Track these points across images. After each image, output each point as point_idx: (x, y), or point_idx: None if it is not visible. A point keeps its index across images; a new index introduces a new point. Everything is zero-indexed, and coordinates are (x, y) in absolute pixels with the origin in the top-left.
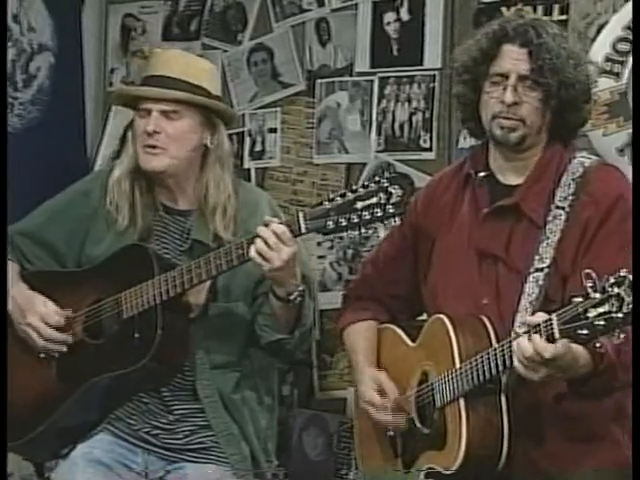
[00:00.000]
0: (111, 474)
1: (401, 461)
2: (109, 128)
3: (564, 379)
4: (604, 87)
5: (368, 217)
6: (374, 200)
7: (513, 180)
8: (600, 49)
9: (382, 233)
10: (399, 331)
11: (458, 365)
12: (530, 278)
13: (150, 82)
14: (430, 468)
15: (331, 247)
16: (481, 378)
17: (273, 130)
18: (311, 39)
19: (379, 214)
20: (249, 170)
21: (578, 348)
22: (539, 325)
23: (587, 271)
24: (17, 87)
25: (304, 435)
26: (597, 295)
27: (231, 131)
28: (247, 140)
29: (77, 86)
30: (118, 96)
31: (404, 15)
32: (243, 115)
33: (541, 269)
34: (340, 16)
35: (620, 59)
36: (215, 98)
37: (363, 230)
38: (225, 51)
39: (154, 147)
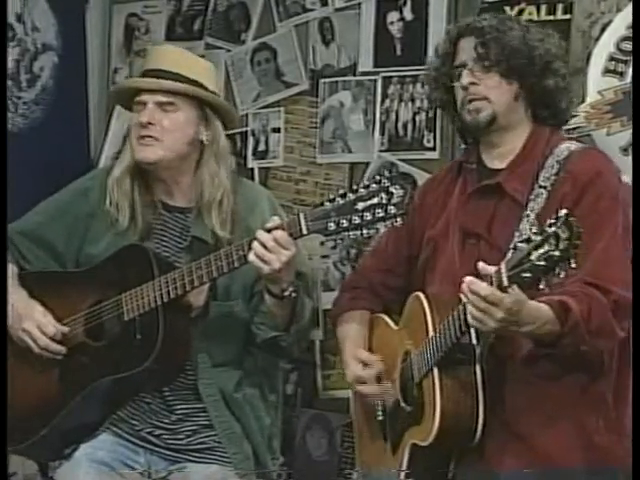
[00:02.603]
0: (114, 474)
1: (390, 443)
2: (112, 128)
3: (530, 337)
4: (608, 86)
5: (370, 218)
6: (375, 200)
7: (499, 165)
8: (604, 48)
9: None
10: (386, 318)
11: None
12: (509, 253)
13: (147, 75)
14: (413, 444)
15: (334, 247)
16: (448, 342)
17: (276, 130)
18: (314, 39)
19: (381, 214)
20: (252, 169)
21: (540, 305)
22: (491, 276)
23: (531, 217)
24: (21, 87)
25: (307, 435)
26: (538, 237)
27: (234, 131)
28: (250, 140)
29: (81, 86)
30: (116, 92)
31: (407, 14)
32: (246, 115)
33: None
34: (343, 16)
35: (624, 58)
36: (211, 93)
37: (365, 231)
38: (228, 51)
39: (149, 138)
